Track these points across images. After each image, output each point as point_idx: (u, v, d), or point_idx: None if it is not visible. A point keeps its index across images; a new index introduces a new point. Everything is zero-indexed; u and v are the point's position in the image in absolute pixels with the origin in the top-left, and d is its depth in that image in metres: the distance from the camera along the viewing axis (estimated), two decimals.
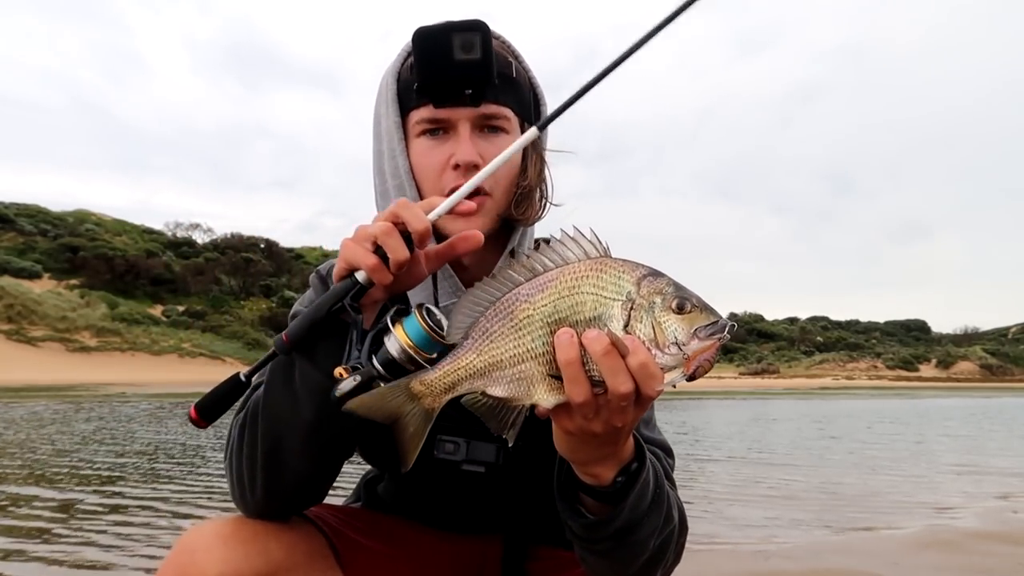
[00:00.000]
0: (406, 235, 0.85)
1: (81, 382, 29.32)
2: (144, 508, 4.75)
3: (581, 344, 0.73)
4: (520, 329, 0.76)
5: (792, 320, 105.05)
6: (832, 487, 6.15)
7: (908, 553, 3.77)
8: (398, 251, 0.83)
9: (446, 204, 0.88)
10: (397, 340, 0.84)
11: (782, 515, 4.85)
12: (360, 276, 0.86)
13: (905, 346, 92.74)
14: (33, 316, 41.49)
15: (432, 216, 0.86)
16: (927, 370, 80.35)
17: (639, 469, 0.88)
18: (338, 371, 0.83)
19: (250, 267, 58.79)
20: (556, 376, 0.75)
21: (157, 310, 51.33)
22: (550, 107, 1.16)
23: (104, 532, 4.02)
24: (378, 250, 0.85)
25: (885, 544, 3.99)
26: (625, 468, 0.87)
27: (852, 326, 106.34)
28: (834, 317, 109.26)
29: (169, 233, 67.25)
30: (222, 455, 1.05)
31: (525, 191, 1.09)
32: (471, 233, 0.91)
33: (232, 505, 1.03)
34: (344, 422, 0.93)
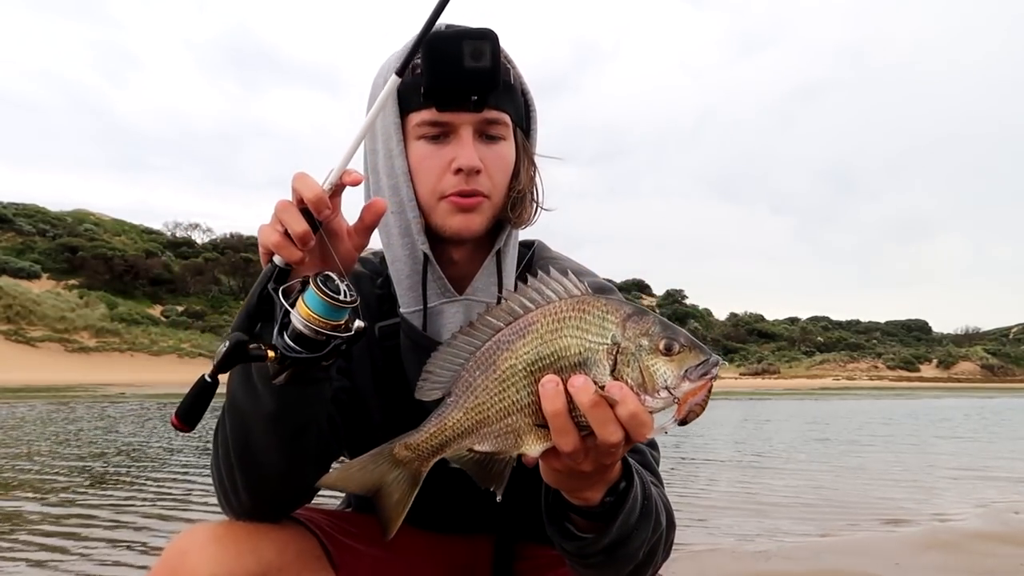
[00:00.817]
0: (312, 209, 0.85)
1: (80, 383, 29.32)
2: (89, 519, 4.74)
3: (567, 391, 0.71)
4: (504, 381, 0.74)
5: (792, 320, 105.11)
6: (832, 487, 6.15)
7: (909, 554, 3.76)
8: (292, 224, 0.84)
9: (335, 171, 0.87)
10: (298, 314, 0.83)
11: (782, 515, 4.85)
12: (276, 258, 0.86)
13: (906, 346, 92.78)
14: (32, 316, 41.49)
15: (325, 184, 0.85)
16: (928, 370, 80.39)
17: (627, 488, 0.87)
18: (270, 352, 0.83)
19: (250, 267, 58.65)
20: (541, 425, 0.73)
21: (156, 310, 51.35)
22: (544, 110, 1.18)
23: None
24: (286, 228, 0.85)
25: (886, 545, 3.99)
26: (613, 488, 0.86)
27: (853, 326, 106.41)
28: (835, 317, 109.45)
29: (168, 233, 67.33)
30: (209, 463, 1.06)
31: (519, 195, 1.11)
32: (374, 201, 0.93)
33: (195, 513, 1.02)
34: (308, 410, 0.94)
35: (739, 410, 18.69)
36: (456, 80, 1.00)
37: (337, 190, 0.88)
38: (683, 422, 0.72)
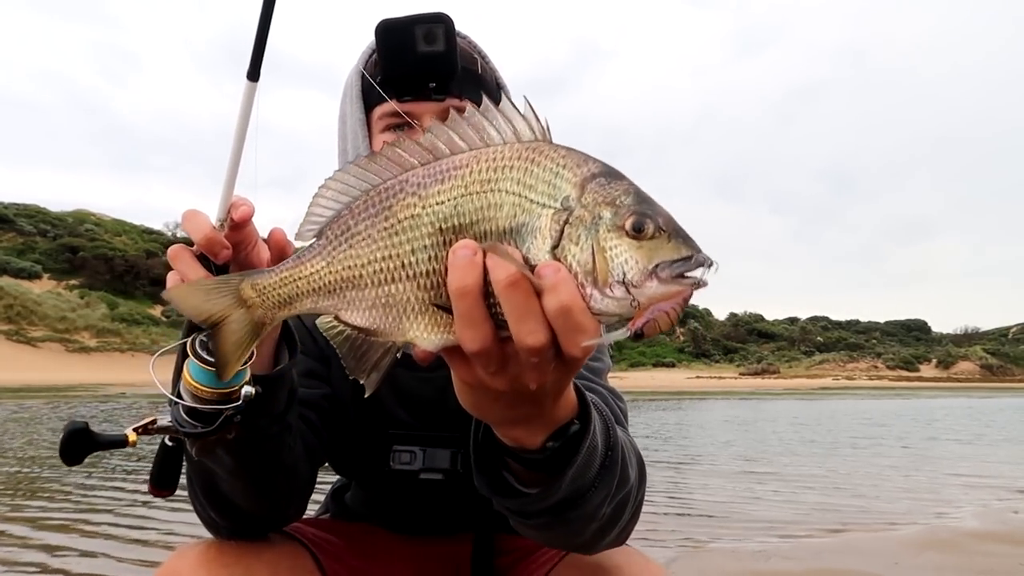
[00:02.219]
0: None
1: (81, 382, 29.29)
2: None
3: (485, 266, 0.52)
4: (397, 233, 0.54)
5: (792, 320, 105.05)
6: (832, 487, 6.15)
7: (908, 553, 3.77)
8: (187, 272, 0.75)
9: (220, 205, 0.77)
10: (185, 387, 0.73)
11: (782, 515, 4.85)
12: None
13: (905, 346, 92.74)
14: (33, 316, 41.47)
15: (215, 220, 0.76)
16: (927, 370, 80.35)
17: (581, 432, 0.66)
18: (132, 435, 0.75)
19: None
20: (442, 307, 0.54)
21: (157, 310, 51.28)
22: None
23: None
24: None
25: (885, 544, 3.99)
26: (560, 431, 0.66)
27: (852, 326, 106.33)
28: (834, 317, 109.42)
29: (169, 233, 67.18)
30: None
31: None
32: (272, 232, 0.80)
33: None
34: (269, 461, 0.87)
35: (739, 410, 18.67)
36: (411, 65, 0.97)
37: (238, 224, 0.77)
38: (638, 336, 0.51)
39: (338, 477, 1.31)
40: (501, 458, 0.71)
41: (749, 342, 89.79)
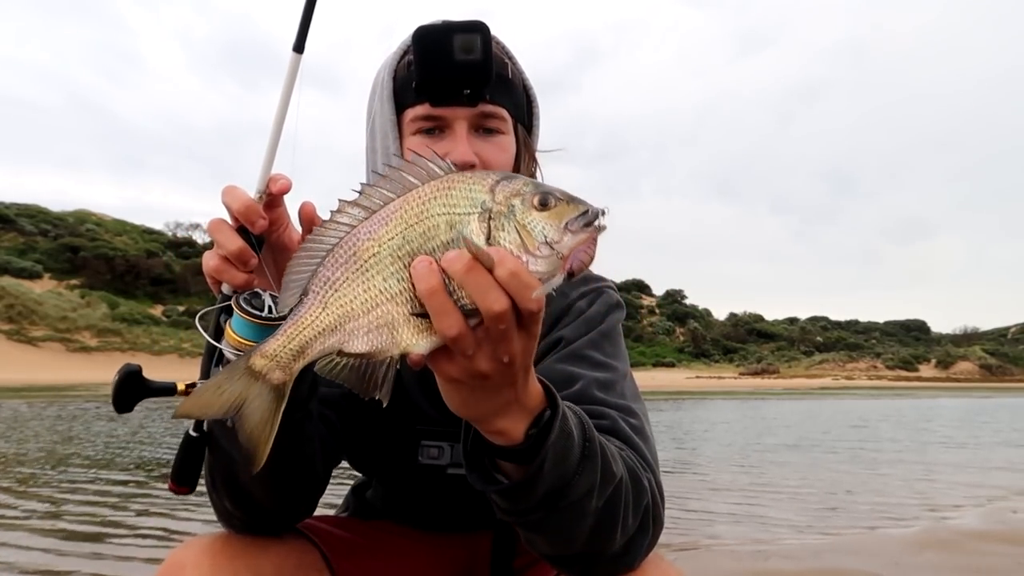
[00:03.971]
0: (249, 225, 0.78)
1: (81, 382, 29.31)
2: None
3: (442, 270, 0.63)
4: (368, 271, 0.65)
5: (792, 320, 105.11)
6: (832, 487, 6.16)
7: (908, 553, 3.77)
8: (226, 242, 0.76)
9: (260, 178, 0.80)
10: (228, 343, 0.75)
11: (781, 515, 4.86)
12: (225, 287, 0.80)
13: (905, 346, 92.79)
14: (33, 316, 41.50)
15: (253, 193, 0.78)
16: (927, 370, 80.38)
17: (552, 416, 0.75)
18: (180, 384, 0.76)
19: None
20: (421, 314, 0.65)
21: (157, 310, 51.35)
22: (543, 110, 1.16)
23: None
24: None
25: (885, 544, 4.00)
26: (537, 419, 0.74)
27: (852, 326, 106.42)
28: (834, 317, 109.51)
29: (169, 233, 67.34)
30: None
31: None
32: (302, 206, 0.82)
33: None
34: (291, 450, 0.89)
35: (738, 410, 18.68)
36: (447, 73, 0.98)
37: (274, 200, 0.81)
38: (570, 275, 0.65)
39: (359, 475, 1.31)
40: (493, 461, 0.78)
41: (749, 342, 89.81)
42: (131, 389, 0.75)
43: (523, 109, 1.12)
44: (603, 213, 0.65)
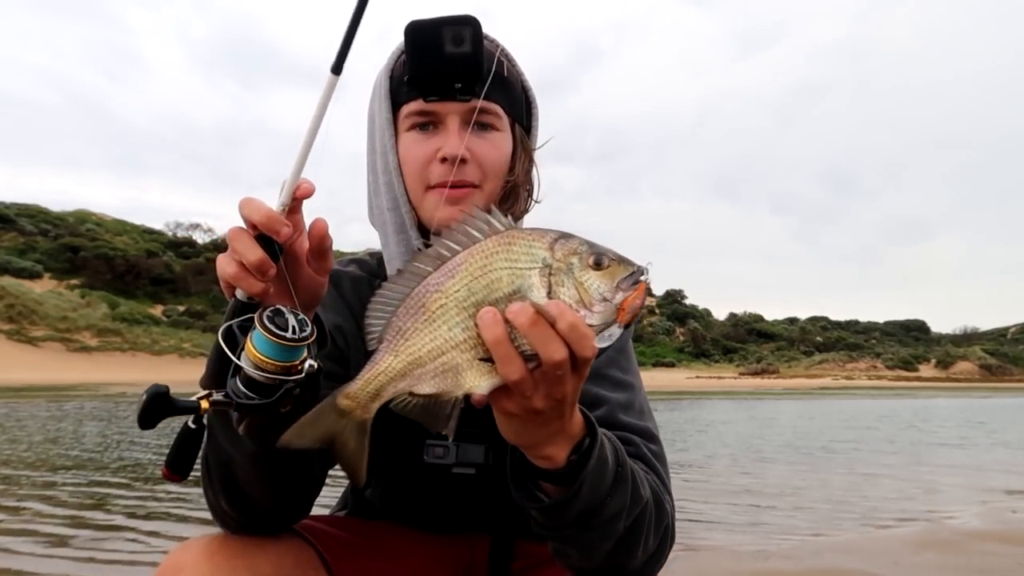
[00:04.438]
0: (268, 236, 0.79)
1: (81, 382, 29.32)
2: None
3: (506, 320, 0.70)
4: (435, 320, 0.72)
5: (792, 320, 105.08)
6: (831, 487, 6.16)
7: (907, 553, 3.78)
8: (246, 252, 0.77)
9: (287, 185, 0.81)
10: (247, 358, 0.76)
11: (781, 515, 4.86)
12: (239, 293, 0.81)
13: (904, 346, 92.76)
14: (34, 316, 41.49)
15: (277, 204, 0.80)
16: (926, 370, 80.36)
17: (591, 444, 0.83)
18: (203, 403, 0.77)
19: None
20: (484, 359, 0.72)
21: (158, 310, 51.34)
22: (542, 110, 1.16)
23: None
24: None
25: (885, 544, 4.01)
26: (577, 446, 0.83)
27: (852, 326, 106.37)
28: (834, 317, 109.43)
29: (169, 233, 67.28)
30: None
31: (510, 187, 1.09)
32: (314, 223, 0.83)
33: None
34: (292, 451, 0.89)
35: (739, 410, 18.68)
36: (437, 66, 0.98)
37: (295, 206, 0.82)
38: (626, 325, 0.73)
39: None
40: (535, 481, 0.86)
41: (749, 342, 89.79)
42: (157, 409, 0.76)
43: (521, 108, 1.12)
44: (647, 270, 0.73)
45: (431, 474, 1.10)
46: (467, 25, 0.98)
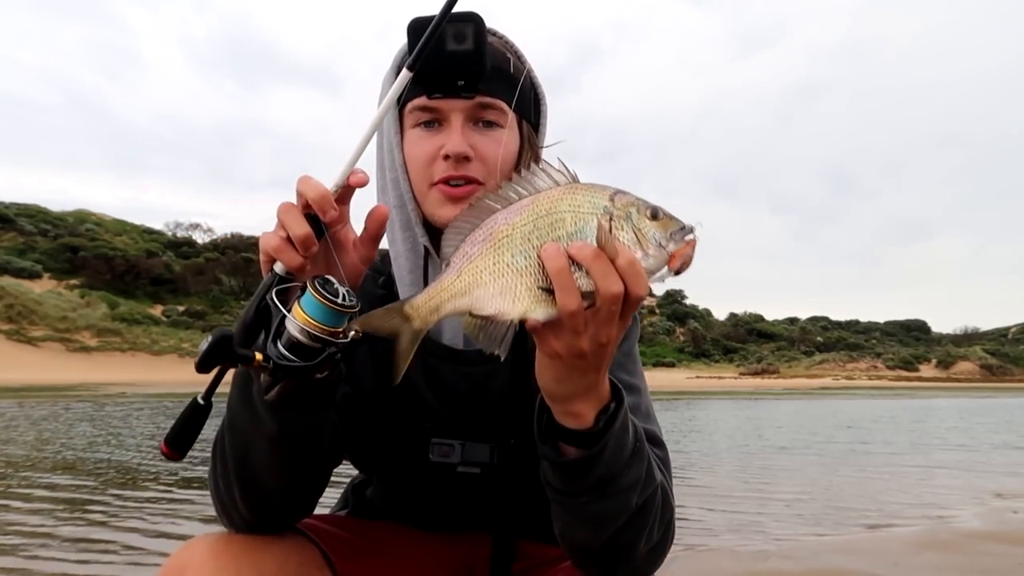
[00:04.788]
0: (317, 216, 0.83)
1: (81, 382, 29.32)
2: None
3: (568, 255, 0.75)
4: (500, 247, 0.78)
5: (792, 320, 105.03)
6: (831, 487, 6.16)
7: (908, 553, 3.78)
8: (294, 226, 0.81)
9: (341, 172, 0.85)
10: (295, 320, 0.80)
11: (781, 515, 4.86)
12: (277, 266, 0.84)
13: (905, 346, 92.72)
14: (33, 316, 41.49)
15: (331, 186, 0.84)
16: (927, 370, 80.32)
17: (617, 408, 0.86)
18: (258, 355, 0.80)
19: (250, 267, 58.47)
20: (542, 288, 0.77)
21: (157, 310, 51.33)
22: (551, 107, 1.16)
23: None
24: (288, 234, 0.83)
25: (885, 544, 4.01)
26: (604, 408, 0.86)
27: (852, 326, 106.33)
28: (834, 317, 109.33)
29: (169, 233, 67.26)
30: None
31: None
32: (376, 207, 0.90)
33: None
34: (311, 434, 0.91)
35: (739, 410, 18.68)
36: (439, 63, 0.98)
37: (344, 195, 0.86)
38: (677, 272, 0.79)
39: (356, 473, 1.31)
40: (556, 442, 0.88)
41: (749, 342, 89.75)
42: (218, 354, 0.79)
43: (528, 105, 1.11)
44: (694, 228, 0.79)
45: (436, 473, 1.10)
46: (469, 22, 0.98)
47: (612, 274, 0.75)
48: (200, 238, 67.57)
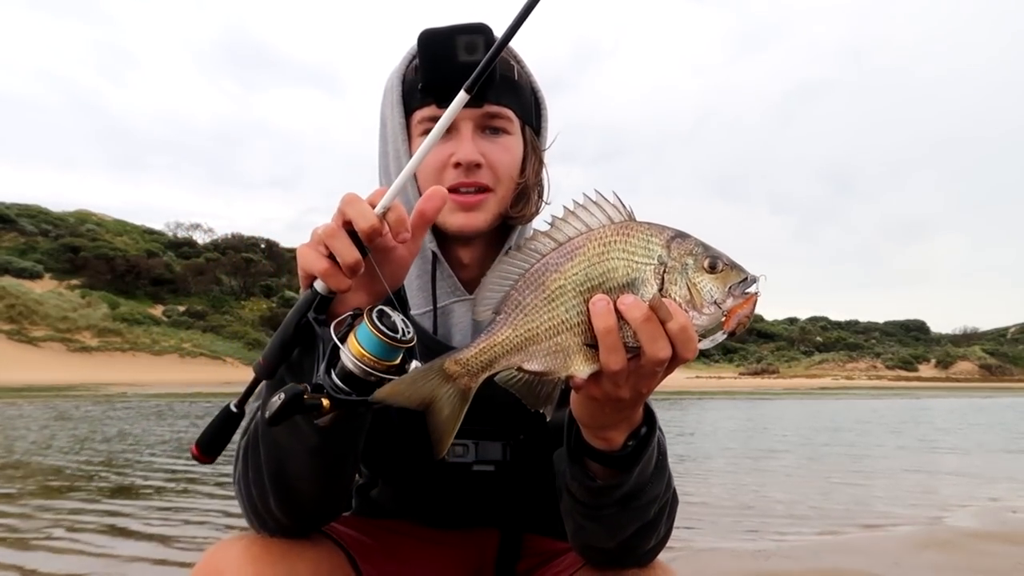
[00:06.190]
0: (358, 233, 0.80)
1: (82, 382, 29.32)
2: None
3: (617, 311, 0.72)
4: (553, 300, 0.74)
5: (792, 320, 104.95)
6: (831, 487, 6.16)
7: (907, 553, 3.78)
8: (345, 254, 0.79)
9: (390, 194, 0.82)
10: (350, 352, 0.78)
11: (781, 515, 4.86)
12: (318, 285, 0.82)
13: (904, 346, 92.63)
14: (34, 316, 41.48)
15: (378, 209, 0.81)
16: (926, 370, 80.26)
17: (649, 434, 0.86)
18: (325, 401, 0.78)
19: (250, 267, 58.65)
20: (591, 345, 0.73)
21: (158, 310, 51.29)
22: (551, 111, 1.18)
23: None
24: (332, 254, 0.80)
25: (885, 544, 4.01)
26: (635, 432, 0.85)
27: (851, 326, 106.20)
28: (833, 317, 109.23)
29: (170, 233, 67.22)
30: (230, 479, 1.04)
31: (522, 189, 1.11)
32: (435, 190, 0.84)
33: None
34: (350, 442, 0.91)
35: (739, 410, 18.68)
36: (451, 74, 0.99)
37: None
38: (732, 334, 0.74)
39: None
40: (585, 460, 0.88)
41: (749, 342, 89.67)
42: (292, 408, 0.76)
43: (530, 111, 1.13)
44: (758, 280, 0.74)
45: (453, 473, 1.12)
46: (480, 34, 1.00)
47: (662, 338, 0.71)
48: (200, 238, 67.60)
